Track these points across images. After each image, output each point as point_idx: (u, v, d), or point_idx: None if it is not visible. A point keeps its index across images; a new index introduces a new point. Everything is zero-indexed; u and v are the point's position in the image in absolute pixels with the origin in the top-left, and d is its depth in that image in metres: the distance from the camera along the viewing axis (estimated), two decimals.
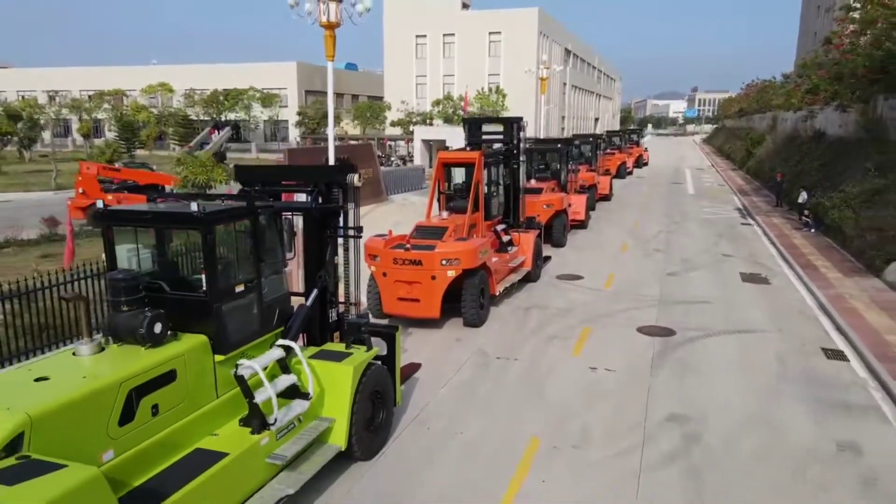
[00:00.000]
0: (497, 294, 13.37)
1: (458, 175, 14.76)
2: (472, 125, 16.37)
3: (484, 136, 16.04)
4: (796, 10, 68.47)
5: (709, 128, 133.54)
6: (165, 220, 6.26)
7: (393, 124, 56.81)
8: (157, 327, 5.57)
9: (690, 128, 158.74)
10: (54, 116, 67.59)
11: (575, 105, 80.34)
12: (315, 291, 7.54)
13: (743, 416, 8.65)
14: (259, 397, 6.11)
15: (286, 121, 66.24)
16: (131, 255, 6.29)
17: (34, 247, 17.95)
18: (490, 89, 55.08)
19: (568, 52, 72.88)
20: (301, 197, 7.86)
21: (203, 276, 6.01)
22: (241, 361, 6.19)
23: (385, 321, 11.27)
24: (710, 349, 11.21)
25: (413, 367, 10.01)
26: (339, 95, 70.32)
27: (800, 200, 23.69)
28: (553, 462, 7.51)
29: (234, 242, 6.35)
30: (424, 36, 61.77)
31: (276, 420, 6.18)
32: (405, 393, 9.02)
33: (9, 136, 41.61)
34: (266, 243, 6.71)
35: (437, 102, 54.45)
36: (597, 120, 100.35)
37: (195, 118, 63.77)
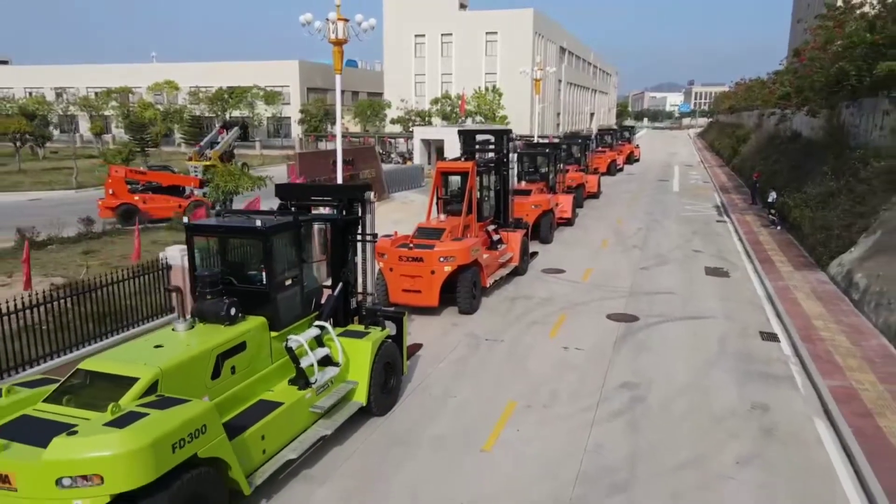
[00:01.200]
0: (488, 286, 15.47)
1: (455, 182, 16.78)
2: (467, 136, 18.39)
3: (477, 147, 18.10)
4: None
5: (704, 121, 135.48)
6: (235, 232, 8.34)
7: (393, 122, 58.70)
8: (233, 311, 7.66)
9: (686, 121, 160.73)
10: (62, 112, 69.54)
11: (570, 101, 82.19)
12: (340, 284, 9.63)
13: (681, 384, 10.77)
14: (303, 363, 8.20)
15: (289, 118, 68.12)
16: (205, 257, 8.38)
17: (74, 244, 19.88)
18: (487, 88, 56.98)
19: (563, 49, 74.72)
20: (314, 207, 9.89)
21: (263, 274, 8.10)
22: (289, 337, 8.28)
23: (392, 309, 13.35)
24: (665, 332, 13.32)
25: (416, 347, 12.09)
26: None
27: (769, 199, 25.77)
28: (526, 417, 9.63)
29: (283, 248, 8.41)
30: (423, 35, 63.59)
31: (316, 380, 8.27)
32: (410, 366, 11.09)
33: (27, 135, 43.47)
34: (305, 248, 8.79)
35: (435, 101, 56.35)
36: (592, 115, 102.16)
37: (200, 115, 65.69)
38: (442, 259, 13.69)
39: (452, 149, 35.52)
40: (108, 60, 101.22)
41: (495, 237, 16.78)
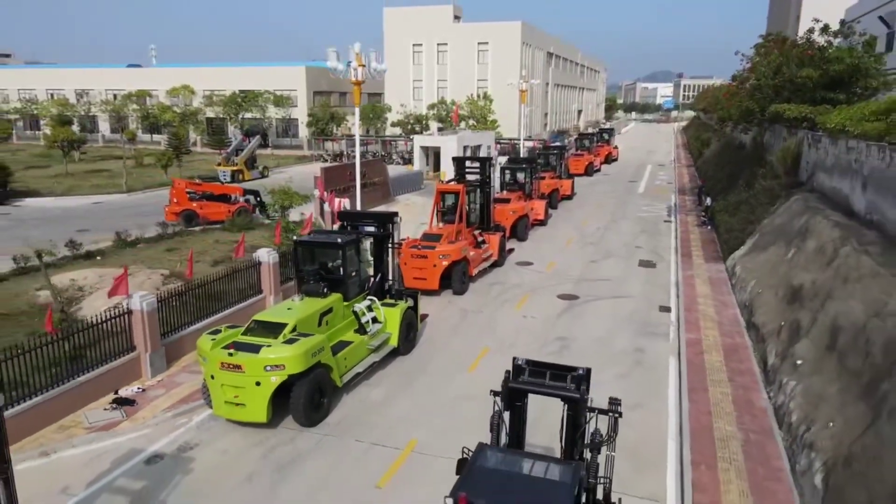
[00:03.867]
0: (473, 275, 21.46)
1: (449, 199, 22.70)
2: (459, 163, 24.32)
3: (466, 171, 24.05)
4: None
5: (691, 114, 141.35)
6: (324, 244, 14.29)
7: (393, 125, 64.48)
8: (325, 290, 13.63)
9: (674, 114, 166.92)
10: (83, 113, 75.09)
11: (558, 102, 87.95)
12: (379, 274, 15.63)
13: (595, 337, 16.81)
14: (363, 320, 14.18)
15: (297, 119, 73.69)
16: (307, 259, 14.38)
17: (157, 242, 25.62)
18: (478, 95, 62.76)
19: (550, 54, 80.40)
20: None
21: (340, 268, 14.07)
22: (354, 305, 14.26)
23: (409, 290, 19.31)
24: (595, 307, 19.35)
25: (424, 315, 18.05)
26: (342, 94, 77.86)
27: (707, 203, 31.77)
28: (494, 356, 15.65)
29: (351, 253, 14.34)
30: (420, 45, 69.29)
31: (370, 330, 14.24)
32: (422, 327, 17.07)
33: (73, 143, 49.11)
34: (362, 252, 14.77)
35: (431, 106, 62.13)
36: (580, 112, 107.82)
37: (214, 116, 71.35)
38: (441, 256, 19.66)
39: (447, 154, 41.50)
40: (107, 60, 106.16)
41: (479, 239, 22.74)
